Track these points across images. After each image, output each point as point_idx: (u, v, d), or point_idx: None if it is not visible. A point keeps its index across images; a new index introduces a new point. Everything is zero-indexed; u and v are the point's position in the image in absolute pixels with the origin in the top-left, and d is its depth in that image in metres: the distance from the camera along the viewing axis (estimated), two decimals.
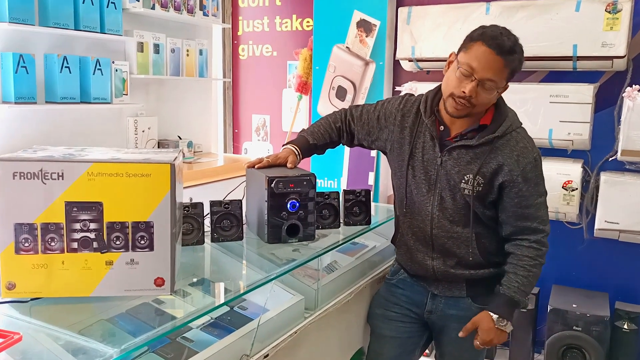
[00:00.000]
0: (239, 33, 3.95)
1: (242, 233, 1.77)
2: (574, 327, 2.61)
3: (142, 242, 1.25)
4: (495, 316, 1.69)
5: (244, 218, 1.89)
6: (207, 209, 1.76)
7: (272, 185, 1.68)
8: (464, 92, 1.60)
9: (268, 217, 1.70)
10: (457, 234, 1.74)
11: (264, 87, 3.91)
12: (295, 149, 1.89)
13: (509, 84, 1.67)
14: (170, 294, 1.30)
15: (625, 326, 2.62)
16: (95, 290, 1.26)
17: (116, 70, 2.76)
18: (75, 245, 1.22)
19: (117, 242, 1.24)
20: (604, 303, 2.71)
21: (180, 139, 3.32)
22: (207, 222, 1.75)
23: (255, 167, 1.81)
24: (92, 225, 1.22)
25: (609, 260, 2.84)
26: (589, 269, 2.89)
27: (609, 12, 2.51)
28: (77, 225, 1.22)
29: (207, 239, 1.74)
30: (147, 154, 1.33)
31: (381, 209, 2.70)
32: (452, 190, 1.71)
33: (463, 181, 1.69)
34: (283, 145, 1.94)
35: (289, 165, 1.82)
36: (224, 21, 3.85)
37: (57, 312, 1.28)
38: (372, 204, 3.20)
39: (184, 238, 1.68)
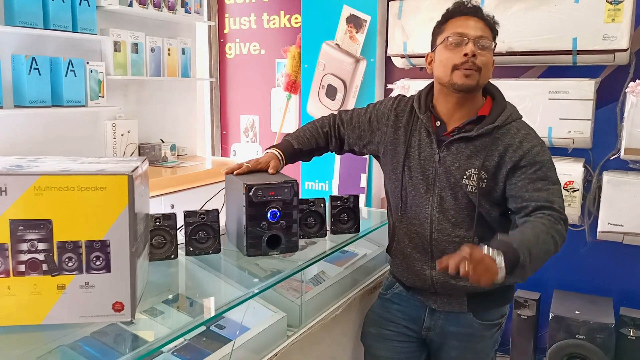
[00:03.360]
0: (226, 31, 3.81)
1: (219, 245, 1.64)
2: (577, 336, 2.48)
3: (98, 263, 1.12)
4: (486, 246, 1.31)
5: (222, 228, 1.77)
6: (182, 220, 1.63)
7: (251, 193, 1.55)
8: (465, 55, 1.52)
9: (247, 227, 1.57)
10: (459, 238, 1.60)
11: (252, 87, 3.78)
12: (279, 153, 1.78)
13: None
14: (131, 320, 1.17)
15: (631, 333, 2.49)
16: (46, 317, 1.13)
17: (91, 71, 2.62)
18: (22, 268, 1.09)
19: (70, 264, 1.11)
20: (608, 309, 2.58)
21: (163, 142, 3.18)
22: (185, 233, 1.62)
23: (234, 173, 1.69)
24: (41, 246, 1.09)
25: (613, 263, 2.71)
26: (592, 273, 2.76)
27: (610, 3, 2.38)
28: (24, 246, 1.09)
29: (183, 252, 1.61)
30: (105, 164, 1.20)
31: (374, 214, 2.58)
32: (452, 189, 1.59)
33: (465, 177, 1.56)
34: (266, 150, 1.82)
35: (270, 170, 1.70)
36: (209, 19, 3.71)
37: (6, 342, 1.15)
38: (365, 208, 3.10)
39: (155, 252, 1.56)
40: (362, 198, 3.23)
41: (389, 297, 1.82)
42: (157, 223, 1.56)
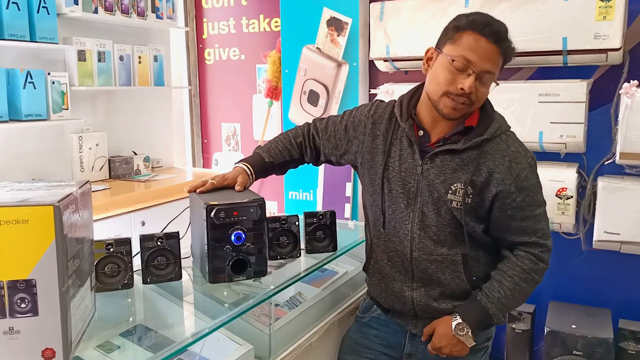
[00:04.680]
0: (204, 36, 3.68)
1: (180, 271, 1.50)
2: (574, 352, 2.35)
3: (23, 305, 0.99)
4: (455, 322, 1.47)
5: (187, 252, 1.63)
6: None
7: (212, 214, 1.42)
8: (462, 90, 1.38)
9: (209, 251, 1.43)
10: (441, 257, 1.49)
11: (233, 93, 3.64)
12: (248, 167, 1.65)
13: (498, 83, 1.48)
14: None
15: (631, 348, 2.36)
16: None
17: (53, 83, 2.46)
18: None
19: None
20: (606, 321, 2.45)
21: (136, 154, 3.03)
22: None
23: (197, 191, 1.56)
24: None
25: (610, 273, 2.58)
26: (589, 284, 2.63)
27: (601, 0, 2.26)
28: None
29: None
30: (35, 191, 1.06)
31: (360, 228, 2.42)
32: (435, 204, 1.46)
33: (450, 192, 1.44)
34: (234, 164, 1.69)
35: (237, 187, 1.58)
36: (186, 24, 3.57)
37: None
38: (351, 222, 2.96)
39: (108, 282, 1.42)
40: (347, 208, 3.10)
41: (366, 321, 1.69)
42: (110, 249, 1.42)
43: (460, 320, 1.46)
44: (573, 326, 2.40)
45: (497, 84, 1.47)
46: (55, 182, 1.16)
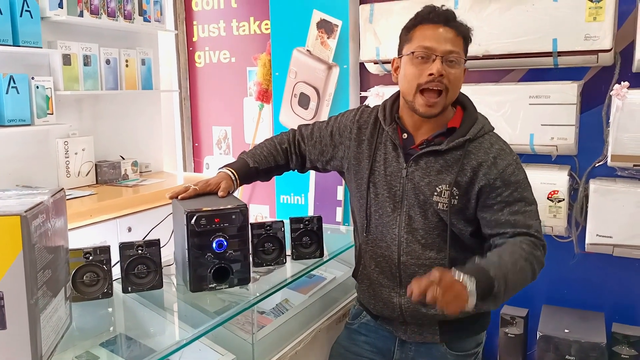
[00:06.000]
0: (194, 39, 3.65)
1: (161, 280, 1.47)
2: (567, 357, 2.32)
3: None
4: (457, 271, 1.21)
5: (170, 260, 1.60)
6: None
7: (192, 221, 1.38)
8: (431, 75, 1.37)
9: (190, 260, 1.40)
10: (430, 261, 1.46)
11: (224, 97, 3.61)
12: (232, 173, 1.62)
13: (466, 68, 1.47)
14: None
15: (625, 352, 2.34)
16: None
17: (37, 87, 2.42)
18: None
19: None
20: (599, 325, 2.42)
21: (124, 159, 2.99)
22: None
23: (179, 197, 1.52)
24: None
25: (603, 276, 2.55)
26: (582, 287, 2.60)
27: (591, 0, 2.24)
28: None
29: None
30: (4, 200, 1.03)
31: (351, 232, 2.38)
32: (422, 207, 1.44)
33: (435, 194, 1.42)
34: (219, 169, 1.66)
35: (220, 193, 1.54)
36: (176, 27, 3.54)
37: None
38: (343, 226, 2.93)
39: (87, 291, 1.39)
40: (339, 212, 3.08)
41: (355, 328, 1.66)
42: (89, 258, 1.39)
43: (461, 272, 1.22)
44: (566, 330, 2.38)
45: (465, 70, 1.45)
46: (28, 191, 1.13)
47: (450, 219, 1.42)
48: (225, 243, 1.41)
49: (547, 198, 2.39)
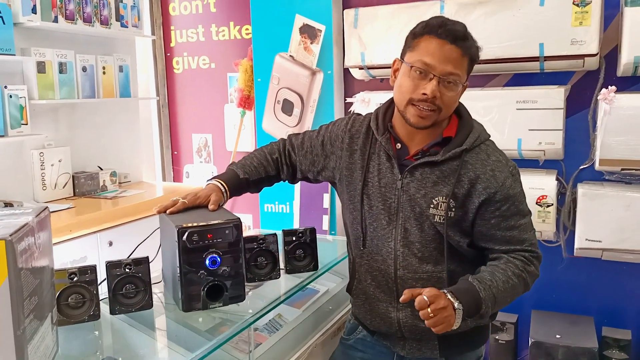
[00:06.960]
0: (172, 44, 3.56)
1: (150, 299, 1.40)
2: None
3: None
4: (450, 294, 1.26)
5: (158, 276, 1.52)
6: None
7: (184, 237, 1.32)
8: (424, 95, 1.33)
9: (182, 278, 1.33)
10: (427, 275, 1.42)
11: (204, 103, 3.53)
12: (221, 185, 1.56)
13: (468, 83, 1.41)
14: None
15: (615, 356, 2.34)
16: None
17: (10, 97, 2.31)
18: None
19: None
20: (589, 330, 2.42)
21: (102, 169, 2.89)
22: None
23: (167, 212, 1.45)
24: None
25: (592, 280, 2.56)
26: (571, 291, 2.60)
27: (577, 5, 2.24)
28: None
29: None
30: None
31: (339, 243, 2.33)
32: (418, 219, 1.40)
33: (432, 206, 1.38)
34: (207, 181, 1.59)
35: (210, 206, 1.48)
36: (152, 32, 3.45)
37: None
38: (329, 236, 2.88)
39: (72, 314, 1.31)
40: (325, 220, 3.02)
41: (351, 343, 1.61)
42: (73, 279, 1.31)
43: (452, 294, 1.27)
44: (557, 336, 2.37)
45: (466, 87, 1.39)
46: (10, 211, 1.05)
47: (447, 231, 1.39)
48: (219, 259, 1.35)
49: (536, 203, 2.39)
